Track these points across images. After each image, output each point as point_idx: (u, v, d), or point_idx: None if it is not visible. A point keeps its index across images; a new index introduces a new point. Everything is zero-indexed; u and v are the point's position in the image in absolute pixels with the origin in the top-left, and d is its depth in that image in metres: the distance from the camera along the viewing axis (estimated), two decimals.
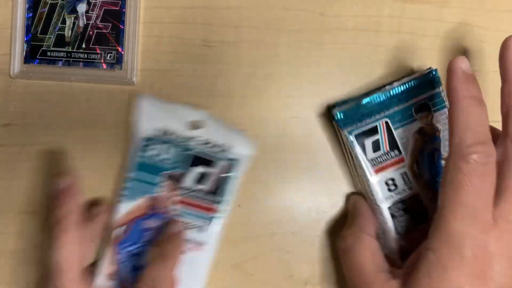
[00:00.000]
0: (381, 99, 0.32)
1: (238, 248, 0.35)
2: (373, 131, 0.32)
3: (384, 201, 0.32)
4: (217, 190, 0.33)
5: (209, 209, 0.33)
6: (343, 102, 0.33)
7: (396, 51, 0.35)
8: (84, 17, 0.34)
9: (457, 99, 0.28)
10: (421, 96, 0.32)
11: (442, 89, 0.33)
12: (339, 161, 0.35)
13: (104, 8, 0.34)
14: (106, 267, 0.32)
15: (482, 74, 0.36)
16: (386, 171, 0.32)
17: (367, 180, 0.32)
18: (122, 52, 0.34)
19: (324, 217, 0.35)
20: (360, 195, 0.35)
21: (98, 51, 0.34)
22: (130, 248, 0.32)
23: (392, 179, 0.32)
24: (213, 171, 0.33)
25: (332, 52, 0.35)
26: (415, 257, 0.28)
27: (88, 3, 0.34)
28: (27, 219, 0.34)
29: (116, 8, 0.34)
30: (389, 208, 0.32)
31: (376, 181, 0.32)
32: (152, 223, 0.32)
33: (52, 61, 0.34)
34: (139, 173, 0.33)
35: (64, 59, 0.34)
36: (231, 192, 0.33)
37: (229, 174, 0.33)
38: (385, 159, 0.32)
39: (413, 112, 0.32)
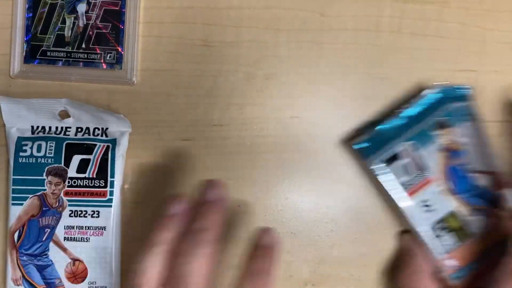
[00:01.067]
0: (397, 123, 0.32)
1: (238, 248, 0.35)
2: (397, 156, 0.32)
3: (423, 223, 0.32)
4: (102, 173, 0.33)
5: (99, 194, 0.32)
6: (359, 132, 0.33)
7: (396, 51, 0.35)
8: (84, 17, 0.34)
9: None
10: (435, 113, 0.33)
11: (467, 104, 0.33)
12: (339, 161, 0.35)
13: (104, 8, 0.34)
14: (11, 273, 0.32)
15: (482, 74, 0.36)
16: (418, 193, 0.32)
17: (401, 206, 0.32)
18: (122, 52, 0.34)
19: (324, 218, 0.35)
20: (412, 234, 0.34)
21: (98, 51, 0.34)
22: (31, 250, 0.32)
23: (426, 200, 0.32)
24: (93, 156, 0.33)
25: (332, 52, 0.35)
26: None
27: (88, 3, 0.34)
28: None
29: (116, 8, 0.34)
30: (430, 229, 0.32)
31: (409, 205, 0.32)
32: (49, 219, 0.32)
33: (52, 61, 0.34)
34: (22, 173, 0.32)
35: (64, 59, 0.34)
36: (117, 172, 0.33)
37: (109, 155, 0.33)
38: (415, 182, 0.32)
39: (433, 131, 0.32)
